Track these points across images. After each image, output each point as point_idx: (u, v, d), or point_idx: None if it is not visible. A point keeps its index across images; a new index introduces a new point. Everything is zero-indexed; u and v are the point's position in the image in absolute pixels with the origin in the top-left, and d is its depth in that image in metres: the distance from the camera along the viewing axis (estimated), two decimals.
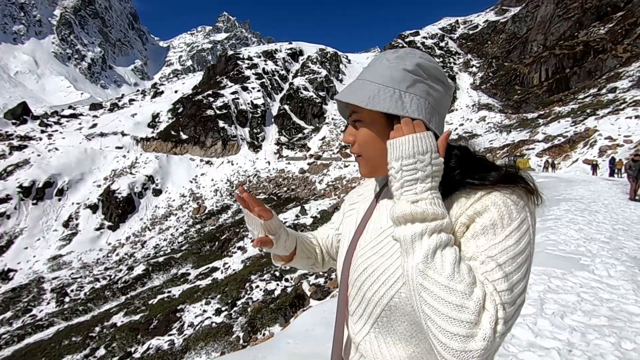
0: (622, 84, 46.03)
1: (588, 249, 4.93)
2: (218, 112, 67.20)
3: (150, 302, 19.93)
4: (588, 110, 41.21)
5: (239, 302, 17.39)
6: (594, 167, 25.35)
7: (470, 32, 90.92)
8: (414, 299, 0.55)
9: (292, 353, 2.14)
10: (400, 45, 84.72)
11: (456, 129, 59.82)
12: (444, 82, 0.71)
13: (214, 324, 15.74)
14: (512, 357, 2.35)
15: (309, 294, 15.78)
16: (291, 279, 19.51)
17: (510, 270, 0.55)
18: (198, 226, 40.65)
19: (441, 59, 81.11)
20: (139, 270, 26.77)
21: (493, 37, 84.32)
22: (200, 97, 71.09)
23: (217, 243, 31.09)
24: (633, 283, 3.63)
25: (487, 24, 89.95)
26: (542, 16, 71.11)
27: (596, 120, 36.75)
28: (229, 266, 24.04)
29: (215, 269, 24.01)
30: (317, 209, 33.07)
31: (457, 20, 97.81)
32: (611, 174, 21.56)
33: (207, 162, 60.52)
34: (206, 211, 45.37)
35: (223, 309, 17.02)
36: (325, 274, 19.51)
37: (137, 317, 17.57)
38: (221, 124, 65.70)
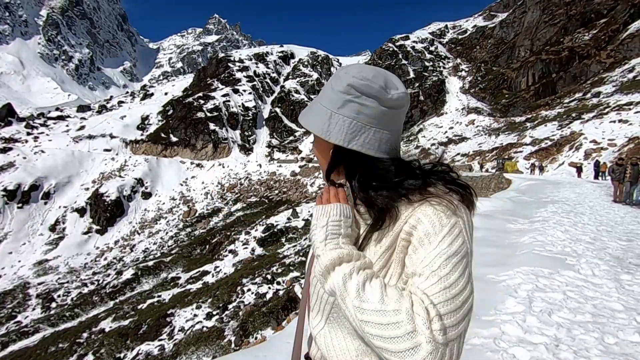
0: (606, 89, 47.26)
1: (574, 249, 5.08)
2: (209, 114, 66.82)
3: (139, 306, 19.65)
4: (574, 114, 42.19)
5: (230, 306, 17.27)
6: (579, 169, 25.96)
7: (460, 36, 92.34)
8: (363, 336, 0.61)
9: (292, 352, 2.16)
10: (391, 49, 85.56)
11: (445, 132, 60.56)
12: (378, 96, 0.72)
13: (205, 328, 15.60)
14: (503, 352, 2.43)
15: (300, 296, 15.77)
16: (283, 282, 19.46)
17: (445, 273, 0.60)
18: (188, 229, 40.26)
19: (431, 63, 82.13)
20: (128, 274, 26.37)
21: (481, 42, 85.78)
22: (190, 99, 70.60)
23: (207, 246, 30.84)
24: (615, 281, 3.77)
25: (475, 29, 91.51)
26: (529, 22, 72.68)
27: (581, 124, 37.65)
28: (220, 270, 23.86)
29: (206, 273, 23.79)
30: (309, 211, 33.06)
31: (447, 25, 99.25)
32: (596, 177, 22.10)
33: (198, 165, 60.04)
34: (197, 214, 44.97)
35: (214, 313, 16.88)
36: None
37: (126, 323, 17.31)
38: (212, 126, 65.32)
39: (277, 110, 77.50)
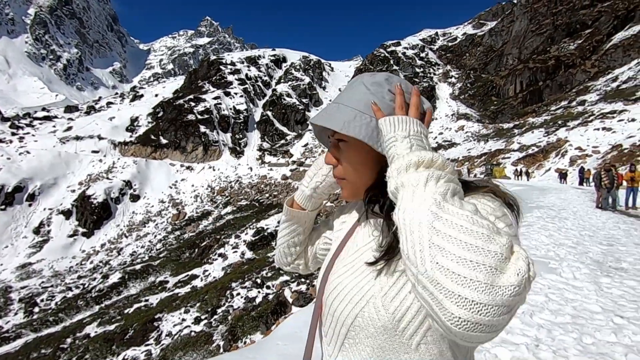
0: (590, 97, 48.53)
1: (557, 253, 5.22)
2: (200, 117, 66.44)
3: (126, 311, 19.35)
4: (559, 122, 43.18)
5: (219, 310, 17.10)
6: (563, 175, 26.55)
7: (450, 44, 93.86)
8: (411, 253, 0.46)
9: (282, 354, 2.20)
10: (382, 55, 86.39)
11: (435, 137, 61.29)
12: (423, 109, 0.67)
13: (193, 333, 15.41)
14: (485, 352, 2.51)
15: (290, 300, 15.73)
16: (273, 285, 19.39)
17: None
18: (177, 233, 39.81)
19: (422, 69, 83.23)
20: (114, 278, 25.94)
21: (471, 49, 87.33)
22: (181, 101, 70.13)
23: (197, 250, 30.55)
24: (595, 284, 3.90)
25: (465, 36, 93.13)
26: (517, 31, 74.29)
27: (567, 131, 38.54)
28: (209, 274, 23.63)
29: (195, 277, 23.55)
30: None
31: (437, 32, 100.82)
32: (580, 183, 22.63)
33: (188, 168, 59.54)
34: (186, 217, 44.52)
35: (203, 317, 16.69)
36: (308, 281, 19.52)
37: (111, 327, 17.02)
38: (203, 129, 64.94)
39: (269, 113, 77.45)
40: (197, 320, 16.85)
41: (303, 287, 18.45)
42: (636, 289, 3.79)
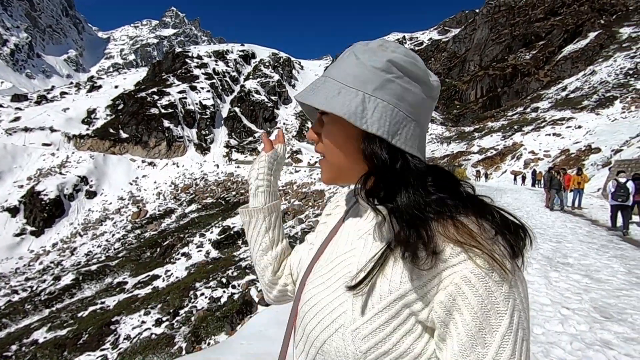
0: (543, 105, 51.97)
1: None
2: (163, 111, 63.87)
3: (79, 314, 18.26)
4: (515, 127, 45.89)
5: (181, 312, 16.59)
6: (523, 177, 28.23)
7: (416, 48, 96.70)
8: None
9: (246, 353, 2.16)
10: None
11: None
12: (425, 81, 0.57)
13: (153, 336, 14.83)
14: None
15: (257, 300, 15.56)
16: (238, 285, 19.08)
17: None
18: (138, 231, 38.07)
19: None
20: (67, 280, 24.38)
21: (436, 54, 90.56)
22: (143, 94, 67.04)
23: (158, 249, 29.43)
24: (545, 279, 4.18)
25: (431, 42, 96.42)
26: (478, 39, 77.97)
27: (522, 135, 41.05)
28: (172, 274, 22.86)
29: (156, 277, 22.67)
30: None
31: (405, 36, 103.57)
32: (533, 184, 24.22)
33: (150, 164, 57.06)
34: (147, 215, 42.67)
35: (164, 319, 16.12)
36: None
37: (63, 332, 16.00)
38: (166, 123, 62.49)
39: (237, 110, 75.96)
40: (158, 322, 16.25)
41: None
42: (580, 282, 4.11)
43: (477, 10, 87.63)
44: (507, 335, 0.42)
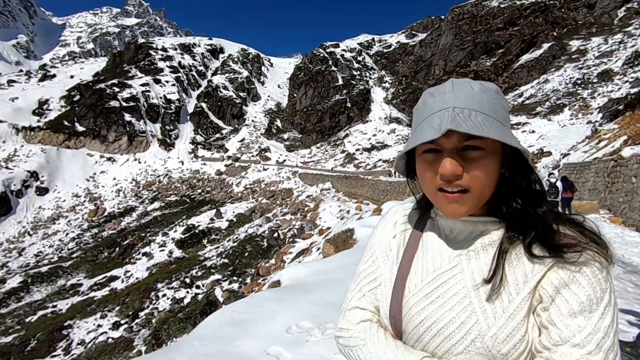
0: None
1: None
2: (124, 104, 60.89)
3: (27, 319, 17.10)
4: None
5: (141, 314, 16.01)
6: None
7: (385, 50, 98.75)
8: None
9: (198, 354, 2.13)
10: (322, 55, 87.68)
11: (369, 139, 64.19)
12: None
13: (110, 340, 14.19)
14: None
15: (221, 299, 15.29)
16: (203, 285, 18.64)
17: (608, 345, 0.53)
18: (95, 230, 36.10)
19: (359, 72, 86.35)
20: (13, 282, 22.71)
21: (403, 57, 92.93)
22: (103, 85, 63.56)
23: (117, 249, 28.12)
24: None
25: (399, 45, 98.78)
26: (443, 44, 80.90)
27: None
28: (132, 274, 21.97)
29: (115, 278, 21.68)
30: (234, 212, 32.22)
31: (374, 38, 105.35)
32: None
33: (109, 159, 54.24)
34: (105, 213, 40.57)
35: (122, 322, 15.48)
36: (240, 279, 19.12)
37: (8, 339, 14.92)
38: (128, 117, 59.63)
39: (203, 105, 73.95)
40: (115, 326, 15.62)
41: (235, 286, 18.08)
42: None
43: (442, 17, 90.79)
44: (608, 307, 0.54)
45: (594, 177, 12.08)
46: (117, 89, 63.13)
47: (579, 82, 51.50)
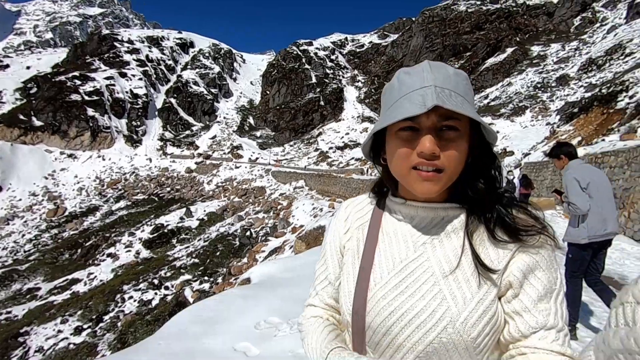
0: None
1: None
2: (87, 98, 57.86)
3: None
4: None
5: (106, 317, 15.39)
6: None
7: (357, 50, 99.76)
8: None
9: (163, 353, 2.09)
10: (295, 52, 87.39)
11: (342, 137, 64.75)
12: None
13: (72, 346, 13.56)
14: None
15: (191, 300, 14.96)
16: (172, 286, 18.15)
17: (566, 317, 0.59)
18: (54, 231, 34.16)
19: (332, 71, 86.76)
20: None
21: (376, 57, 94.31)
22: (63, 77, 60.04)
23: (80, 250, 26.81)
24: None
25: (371, 45, 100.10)
26: (414, 46, 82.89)
27: None
28: (95, 276, 21.04)
29: (77, 281, 20.68)
30: (205, 210, 31.55)
31: (347, 38, 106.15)
32: None
33: (70, 156, 51.42)
34: (66, 213, 38.47)
35: (85, 326, 14.82)
36: (211, 279, 18.77)
37: None
38: (91, 112, 56.72)
39: (173, 101, 71.66)
40: (77, 331, 14.96)
41: (206, 286, 17.74)
42: None
43: (414, 19, 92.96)
44: (561, 284, 0.60)
45: (551, 175, 12.85)
46: (78, 82, 59.88)
47: (539, 85, 54.41)
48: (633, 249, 6.23)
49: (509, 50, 70.34)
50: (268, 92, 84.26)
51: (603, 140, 12.99)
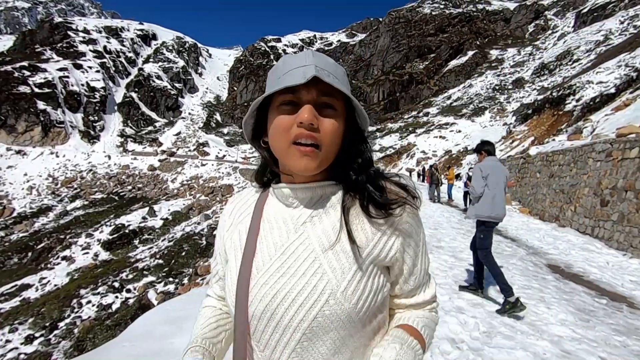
0: (432, 110, 59.02)
1: None
2: (37, 90, 53.89)
3: None
4: (410, 129, 51.22)
5: (61, 324, 14.51)
6: (418, 174, 31.60)
7: (326, 48, 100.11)
8: None
9: (129, 354, 2.02)
10: (263, 48, 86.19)
11: None
12: None
13: (22, 356, 12.67)
14: None
15: (156, 302, 14.42)
16: (134, 289, 17.40)
17: (427, 268, 0.71)
18: (1, 233, 31.59)
19: None
20: None
21: (344, 56, 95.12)
22: (9, 67, 55.52)
23: (30, 254, 25.02)
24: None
25: (339, 43, 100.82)
26: (381, 46, 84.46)
27: (415, 137, 46.04)
28: (49, 281, 19.75)
29: (27, 287, 19.31)
30: (169, 209, 30.48)
31: (315, 35, 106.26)
32: (422, 180, 27.51)
33: (19, 152, 47.72)
34: (14, 214, 35.67)
35: (37, 335, 13.89)
36: (177, 280, 18.20)
37: None
38: (42, 105, 52.90)
39: (134, 95, 68.42)
40: (29, 340, 14.06)
41: (171, 287, 17.20)
42: (447, 261, 4.90)
43: (381, 19, 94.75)
44: (424, 245, 0.70)
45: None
46: (27, 73, 55.63)
47: (497, 88, 57.34)
48: (578, 240, 6.77)
49: (470, 53, 73.51)
50: (235, 88, 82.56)
51: (553, 140, 13.97)
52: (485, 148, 3.92)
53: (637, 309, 3.57)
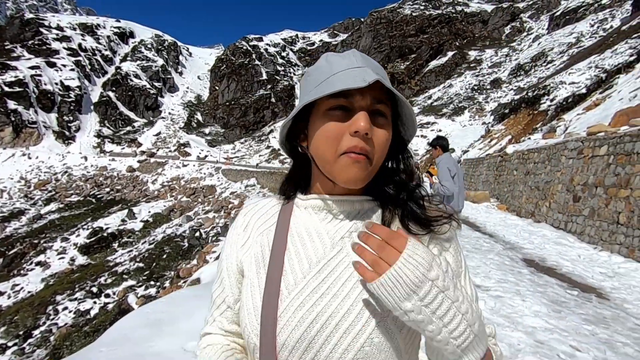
0: (414, 110, 59.98)
1: None
2: (7, 89, 51.72)
3: None
4: None
5: (36, 332, 14.00)
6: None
7: (308, 47, 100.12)
8: None
9: (108, 359, 1.99)
10: (245, 47, 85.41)
11: None
12: None
13: None
14: None
15: (136, 307, 14.09)
16: (114, 293, 16.96)
17: (475, 295, 0.61)
18: None
19: (283, 68, 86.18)
20: None
21: None
22: None
23: (2, 260, 24.04)
24: None
25: (321, 43, 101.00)
26: (363, 46, 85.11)
27: None
28: (22, 288, 19.02)
29: None
30: (150, 211, 29.81)
31: (297, 35, 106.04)
32: None
33: None
34: None
35: (10, 344, 13.36)
36: (158, 284, 17.82)
37: None
38: (12, 105, 50.79)
39: (111, 94, 66.58)
40: (1, 349, 13.51)
41: (152, 291, 16.87)
42: None
43: (362, 20, 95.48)
44: (467, 267, 0.62)
45: (486, 170, 14.00)
46: None
47: (476, 88, 58.73)
48: (552, 235, 7.03)
49: (450, 54, 75.01)
50: (217, 88, 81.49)
51: (529, 138, 14.44)
52: (440, 143, 4.11)
53: (605, 299, 3.75)
